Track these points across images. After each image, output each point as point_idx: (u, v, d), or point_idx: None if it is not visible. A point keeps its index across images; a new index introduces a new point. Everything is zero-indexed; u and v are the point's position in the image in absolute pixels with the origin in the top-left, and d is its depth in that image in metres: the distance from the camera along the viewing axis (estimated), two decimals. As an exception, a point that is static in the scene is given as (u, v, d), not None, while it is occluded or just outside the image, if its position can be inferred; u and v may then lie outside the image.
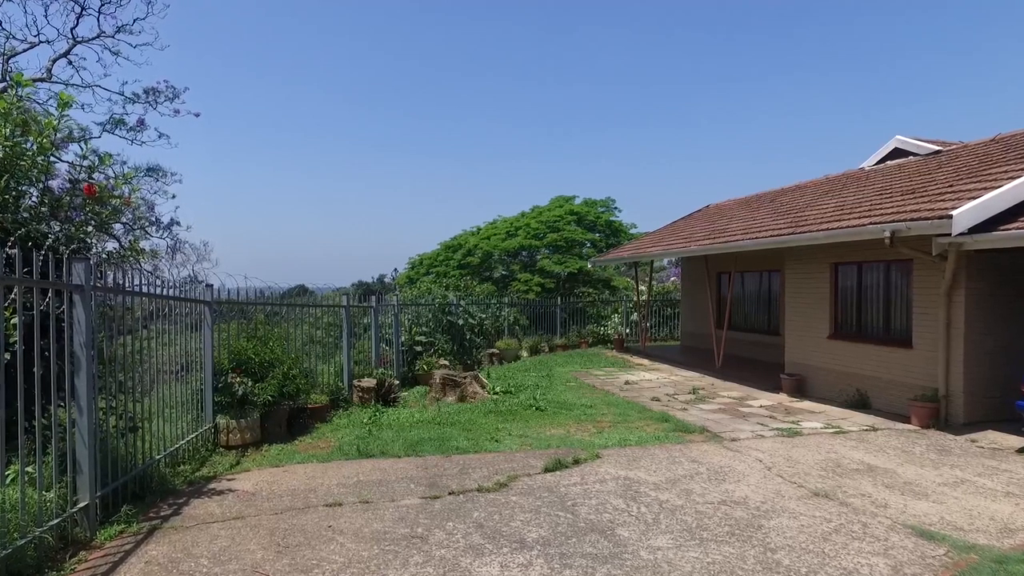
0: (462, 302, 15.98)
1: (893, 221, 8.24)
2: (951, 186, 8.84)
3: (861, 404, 9.70)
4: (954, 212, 7.35)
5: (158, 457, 5.74)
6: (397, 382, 11.24)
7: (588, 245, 26.37)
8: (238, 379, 7.60)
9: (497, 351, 16.33)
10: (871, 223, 8.64)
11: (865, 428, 8.24)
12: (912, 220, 7.93)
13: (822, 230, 9.60)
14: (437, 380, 11.08)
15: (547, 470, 6.19)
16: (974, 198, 7.67)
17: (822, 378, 10.67)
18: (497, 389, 11.31)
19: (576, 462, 6.48)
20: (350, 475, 6.09)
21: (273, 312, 9.66)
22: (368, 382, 10.37)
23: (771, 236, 11.02)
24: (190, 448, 6.69)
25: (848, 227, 9.04)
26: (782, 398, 10.71)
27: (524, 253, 26.35)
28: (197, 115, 16.91)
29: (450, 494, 5.46)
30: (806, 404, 10.10)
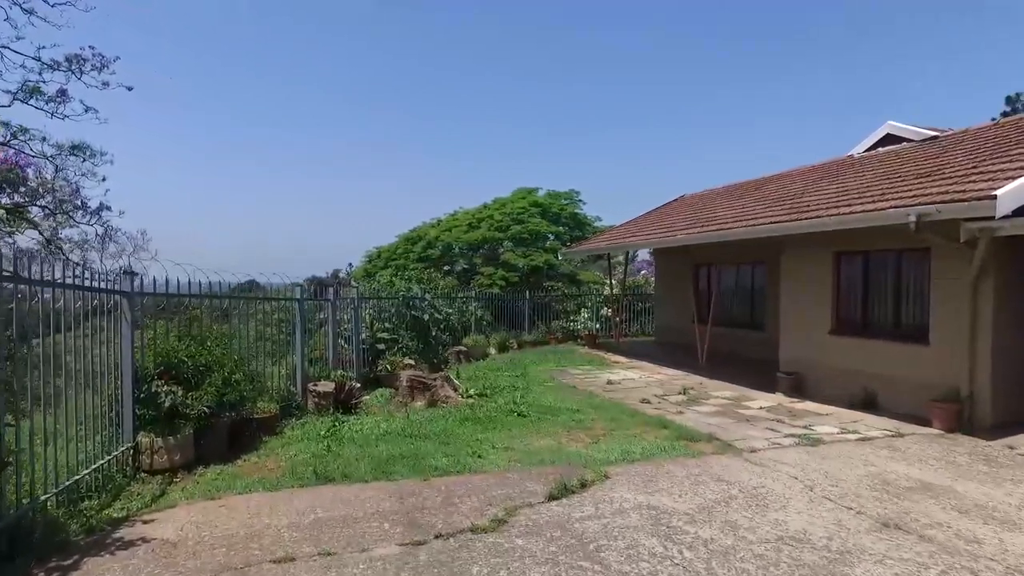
0: (427, 295, 14.71)
1: (918, 204, 7.43)
2: (974, 168, 8.09)
3: (868, 404, 8.92)
4: (998, 192, 6.54)
5: (44, 497, 4.34)
6: (358, 385, 9.92)
7: (552, 238, 25.34)
8: (165, 387, 6.20)
9: (464, 348, 15.11)
10: (892, 207, 7.80)
11: (889, 433, 7.42)
12: (944, 202, 7.11)
13: (831, 215, 8.75)
14: (404, 382, 9.84)
15: (552, 498, 5.06)
16: (1011, 179, 6.89)
17: (823, 377, 9.88)
18: (471, 391, 10.15)
19: (583, 485, 5.38)
20: (305, 510, 4.82)
21: (215, 308, 8.24)
22: (325, 386, 9.02)
23: (770, 223, 10.15)
24: (100, 477, 5.30)
25: (864, 212, 8.21)
26: (780, 398, 9.88)
27: (486, 246, 25.16)
28: (130, 88, 15.09)
29: (437, 537, 4.26)
30: (809, 405, 9.29)
